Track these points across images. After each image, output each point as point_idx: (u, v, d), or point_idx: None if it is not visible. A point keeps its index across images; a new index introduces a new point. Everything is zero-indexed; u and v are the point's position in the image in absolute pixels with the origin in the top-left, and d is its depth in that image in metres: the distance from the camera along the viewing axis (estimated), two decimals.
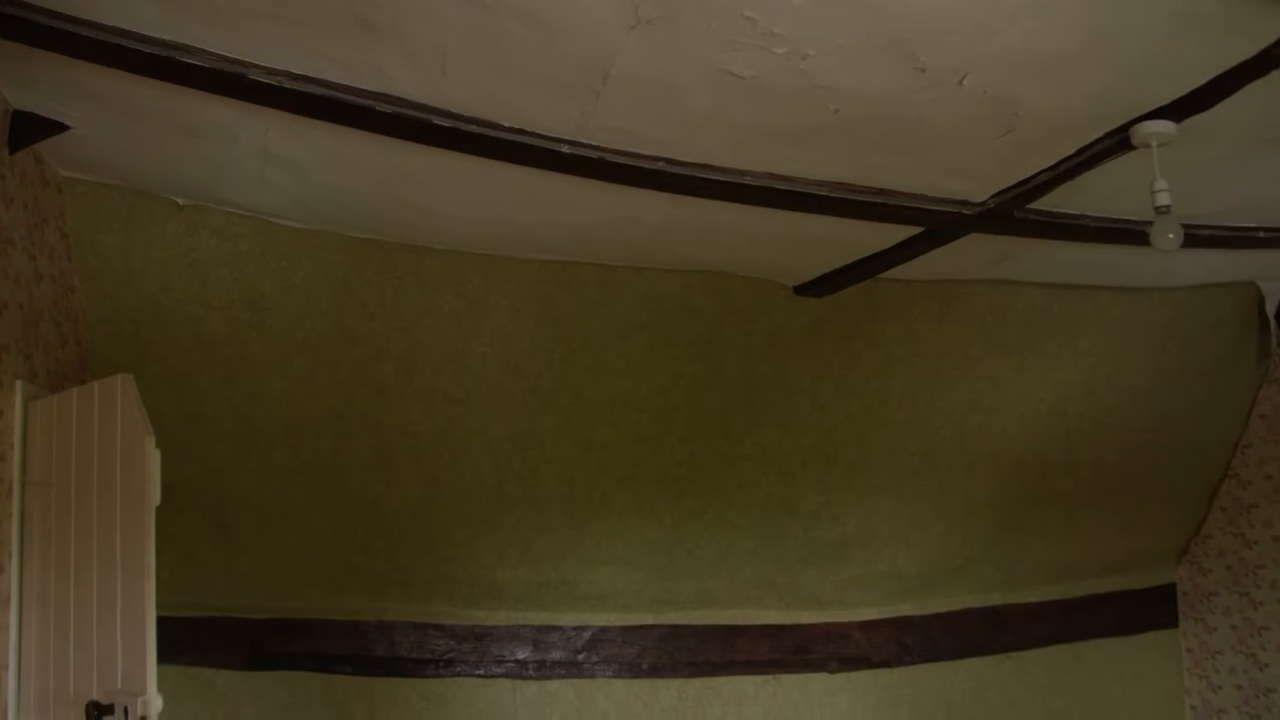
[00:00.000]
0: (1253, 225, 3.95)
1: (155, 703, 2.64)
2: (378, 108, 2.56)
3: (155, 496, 2.73)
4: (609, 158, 2.82)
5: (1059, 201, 3.35)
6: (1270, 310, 5.57)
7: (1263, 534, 5.89)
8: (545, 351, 4.12)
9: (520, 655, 4.96)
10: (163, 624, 2.76)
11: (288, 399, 4.06)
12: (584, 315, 4.07)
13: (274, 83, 2.46)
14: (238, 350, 3.86)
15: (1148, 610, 6.42)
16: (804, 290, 4.21)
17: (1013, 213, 3.32)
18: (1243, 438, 5.97)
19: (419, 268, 3.78)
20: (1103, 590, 6.27)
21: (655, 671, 5.12)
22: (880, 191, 3.13)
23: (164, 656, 2.80)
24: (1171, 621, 6.48)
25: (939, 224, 3.41)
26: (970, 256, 4.01)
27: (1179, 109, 2.64)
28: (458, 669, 4.89)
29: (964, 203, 3.28)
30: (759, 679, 5.34)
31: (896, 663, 5.62)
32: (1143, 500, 5.91)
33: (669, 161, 2.89)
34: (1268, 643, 5.88)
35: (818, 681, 5.45)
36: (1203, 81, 2.53)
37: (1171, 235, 2.74)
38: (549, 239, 3.67)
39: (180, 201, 3.41)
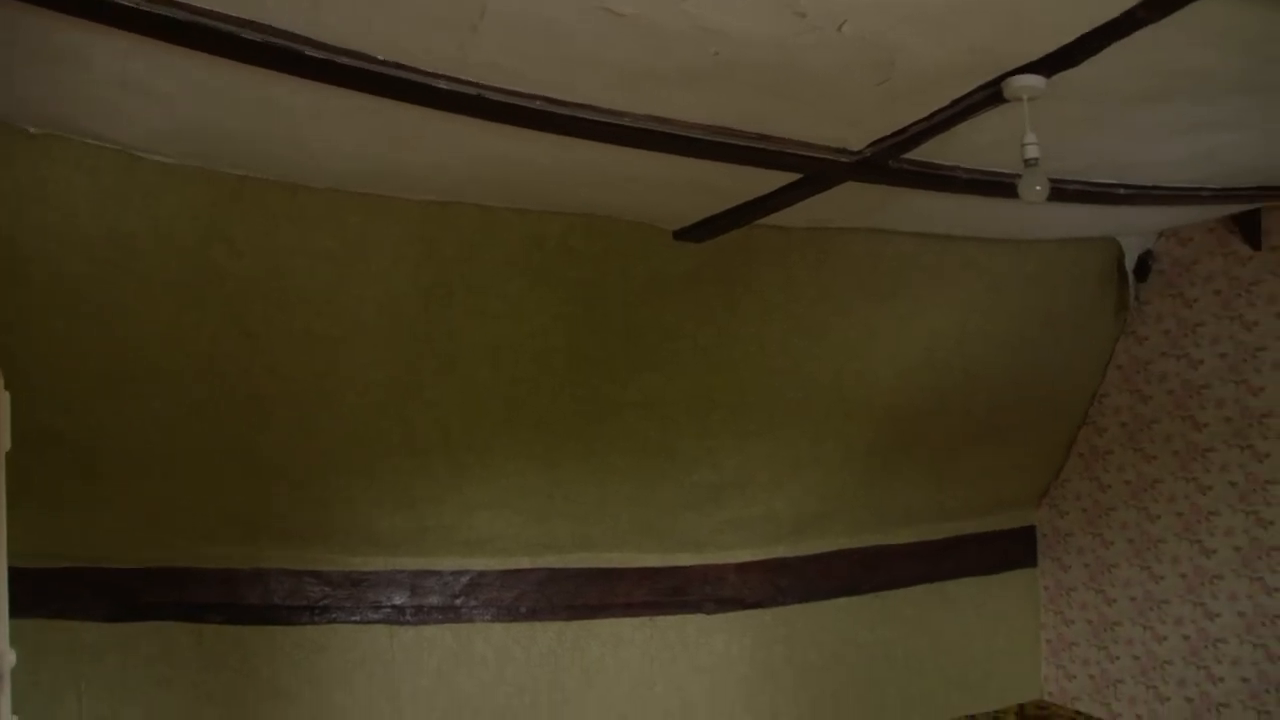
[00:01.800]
0: (1114, 182, 4.09)
1: (9, 657, 2.52)
2: (245, 35, 2.42)
3: (5, 442, 2.59)
4: (488, 95, 2.75)
5: (933, 152, 3.41)
6: (1129, 265, 5.81)
7: (1115, 479, 6.19)
8: (425, 294, 4.03)
9: (397, 600, 4.92)
10: (21, 575, 2.65)
11: (154, 341, 3.89)
12: (465, 257, 3.99)
13: (129, 4, 2.30)
14: (99, 290, 3.67)
15: (1009, 551, 6.71)
16: (683, 235, 4.21)
17: (888, 162, 3.37)
18: (1100, 388, 6.25)
19: (293, 206, 3.63)
20: (968, 532, 6.53)
21: (533, 615, 5.15)
22: (760, 137, 3.13)
23: (23, 609, 2.69)
24: (1031, 561, 6.79)
25: (817, 171, 3.44)
26: (847, 205, 4.06)
27: (1049, 64, 2.70)
28: (333, 615, 4.84)
29: (841, 150, 3.31)
30: (637, 621, 5.41)
31: (771, 603, 5.76)
32: (1007, 446, 6.15)
33: (549, 101, 2.84)
34: (1116, 579, 6.21)
35: (694, 623, 5.56)
36: (1071, 38, 2.58)
37: (1039, 188, 2.82)
38: (430, 179, 3.57)
39: (32, 130, 3.21)
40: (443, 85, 2.70)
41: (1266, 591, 5.34)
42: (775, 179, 3.57)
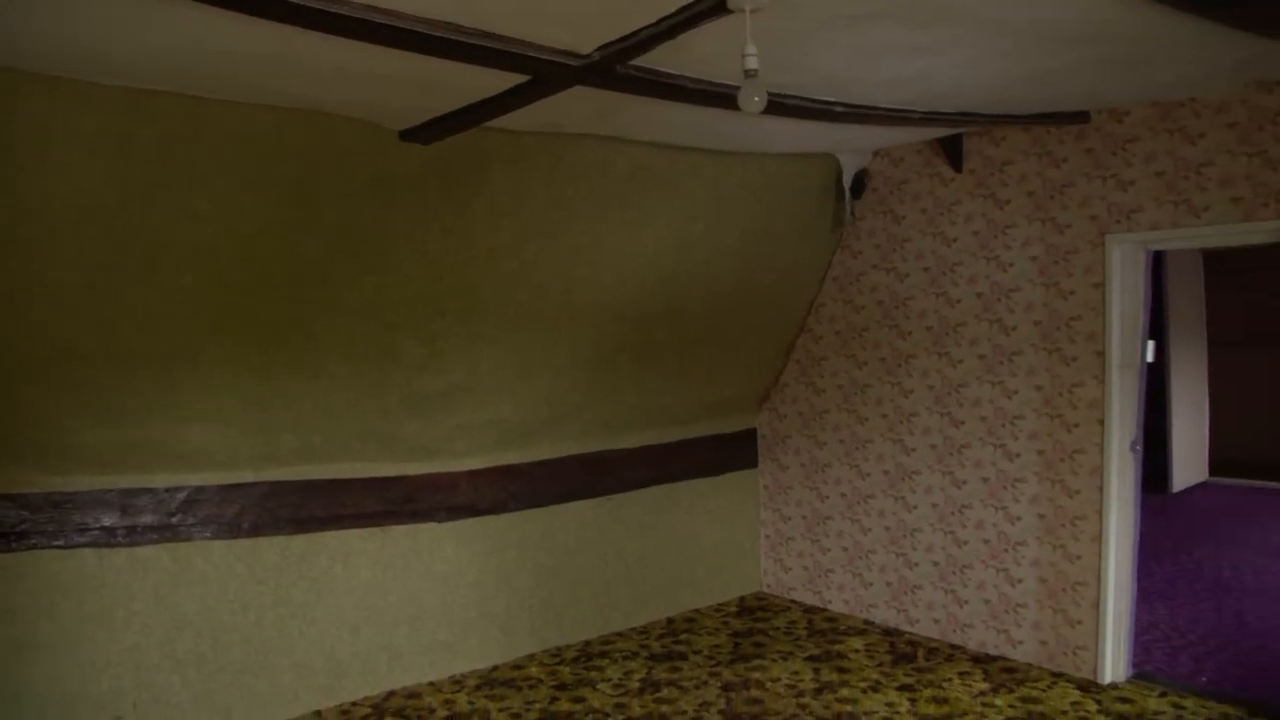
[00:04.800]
0: (832, 100, 4.25)
1: None
2: None
3: None
4: None
5: (661, 60, 3.43)
6: (846, 182, 6.10)
7: (829, 383, 6.58)
8: (122, 191, 3.67)
9: (106, 521, 4.60)
10: None
11: None
12: (167, 152, 3.66)
13: None
14: None
15: (732, 452, 7.04)
16: (409, 136, 4.06)
17: (616, 68, 3.35)
18: (818, 298, 6.58)
19: None
20: (693, 435, 6.79)
21: (257, 530, 4.96)
22: (486, 35, 3.04)
23: None
24: (752, 462, 7.15)
25: (545, 74, 3.38)
26: (577, 110, 4.03)
27: None
28: (33, 541, 4.44)
29: (570, 54, 3.26)
30: (366, 531, 5.33)
31: (502, 509, 5.80)
32: (730, 352, 6.40)
33: None
34: (829, 478, 6.64)
35: (426, 531, 5.53)
36: None
37: (757, 98, 2.88)
38: (127, 63, 3.24)
39: None
40: None
41: (955, 484, 5.85)
42: (503, 80, 3.49)
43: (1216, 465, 11.28)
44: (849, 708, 4.98)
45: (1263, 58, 4.03)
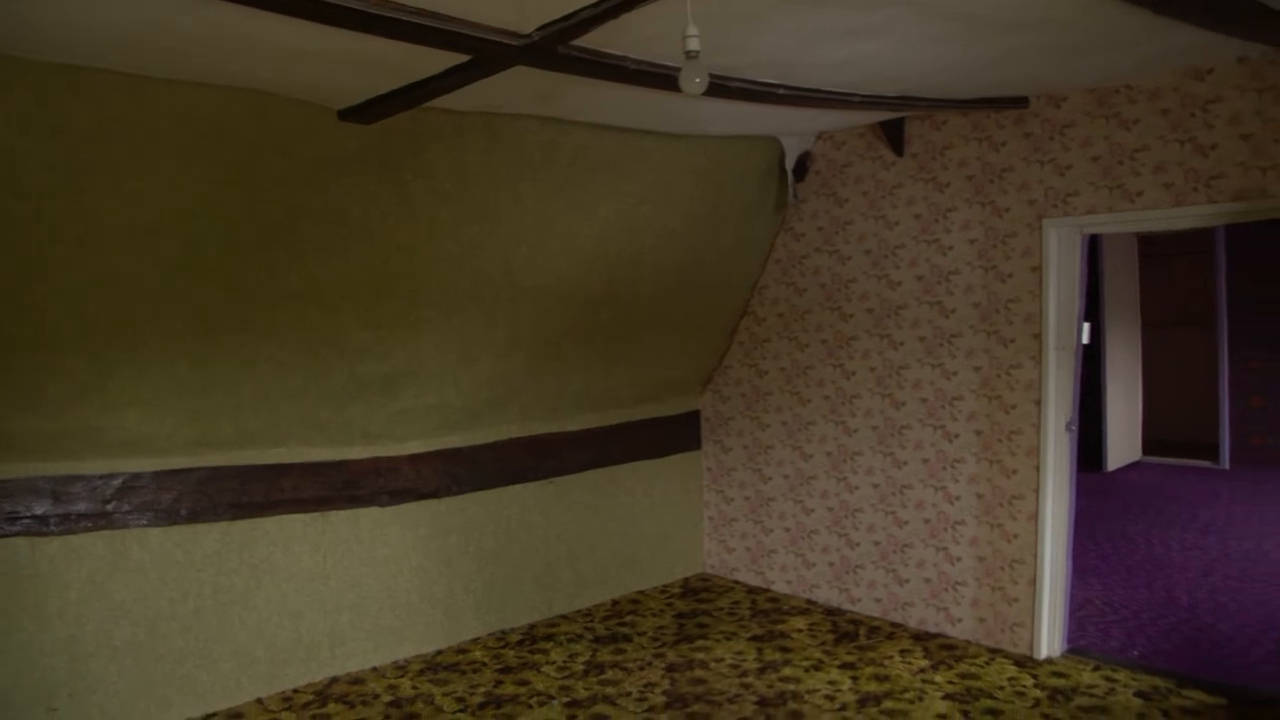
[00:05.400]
0: (774, 82, 4.26)
1: None
2: None
3: None
4: None
5: (602, 40, 3.40)
6: (789, 165, 6.12)
7: (772, 365, 6.61)
8: (55, 171, 3.57)
9: (38, 510, 4.49)
10: None
11: None
12: (104, 131, 3.57)
13: None
14: None
15: (675, 435, 7.06)
16: (349, 115, 3.99)
17: (557, 48, 3.32)
18: (760, 280, 6.61)
19: None
20: (637, 418, 6.79)
21: (195, 516, 4.87)
22: (428, 14, 3.00)
23: None
24: (695, 444, 7.18)
25: (486, 53, 3.34)
26: (519, 90, 4.00)
27: None
28: None
29: (511, 33, 3.22)
30: (307, 517, 5.26)
31: (445, 493, 5.76)
32: (673, 335, 6.41)
33: None
34: (771, 459, 6.68)
35: (368, 516, 5.48)
36: None
37: (698, 80, 2.87)
38: (61, 38, 3.16)
39: None
40: None
41: (896, 465, 5.92)
42: (443, 59, 3.45)
43: (1150, 445, 11.54)
44: (792, 686, 5.03)
45: (1195, 46, 4.11)
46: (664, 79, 3.69)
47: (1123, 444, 11.04)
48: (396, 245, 4.63)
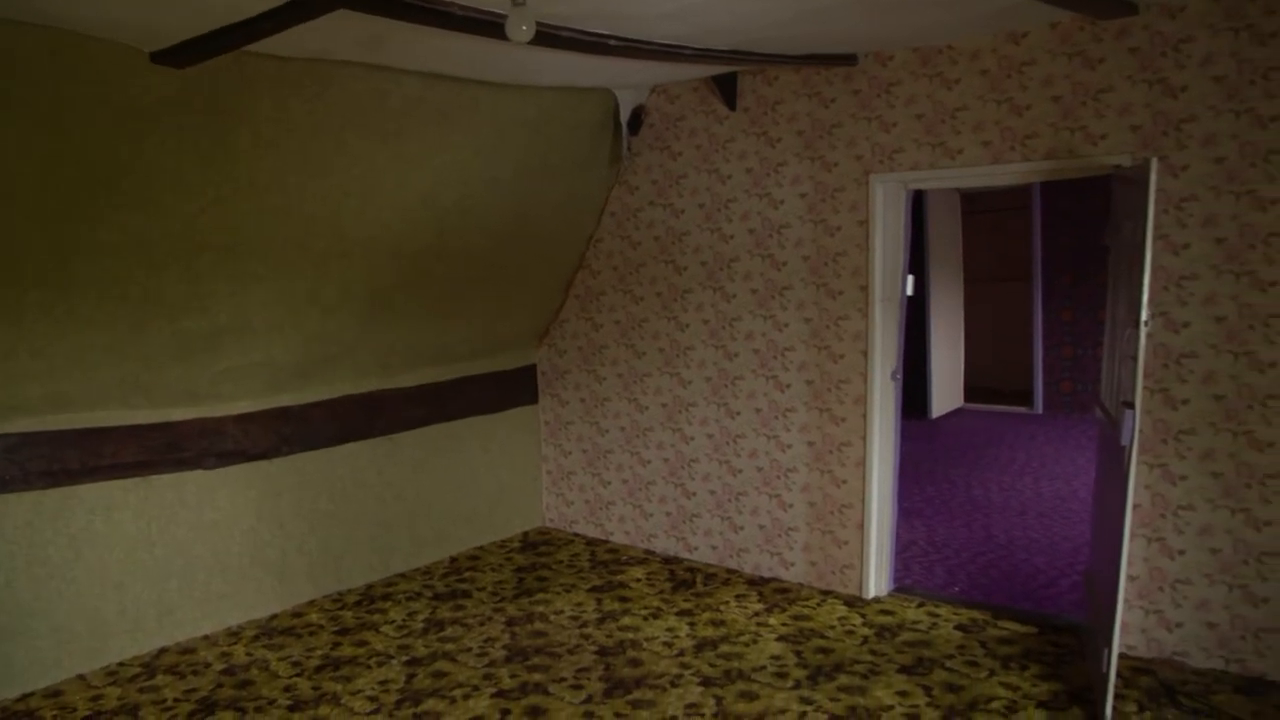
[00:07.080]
0: (606, 33, 4.22)
1: None
2: None
3: None
4: None
5: None
6: (623, 118, 6.11)
7: (607, 318, 6.63)
8: None
9: None
10: None
11: None
12: None
13: None
14: None
15: (512, 389, 7.02)
16: (162, 58, 3.77)
17: None
18: (596, 233, 6.60)
19: None
20: (473, 373, 6.73)
21: (3, 486, 4.59)
22: None
23: None
24: (533, 398, 7.16)
25: None
26: (345, 36, 3.85)
27: None
28: None
29: None
30: (128, 482, 5.02)
31: (275, 453, 5.59)
32: (509, 288, 6.35)
33: None
34: (608, 412, 6.72)
35: (194, 479, 5.26)
36: None
37: (525, 28, 2.84)
38: None
39: None
40: None
41: (730, 415, 6.04)
42: (261, 1, 3.29)
43: (971, 392, 12.11)
44: (631, 635, 5.10)
45: (1014, 10, 4.27)
46: (492, 26, 3.61)
47: (946, 392, 11.55)
48: (216, 196, 4.41)
